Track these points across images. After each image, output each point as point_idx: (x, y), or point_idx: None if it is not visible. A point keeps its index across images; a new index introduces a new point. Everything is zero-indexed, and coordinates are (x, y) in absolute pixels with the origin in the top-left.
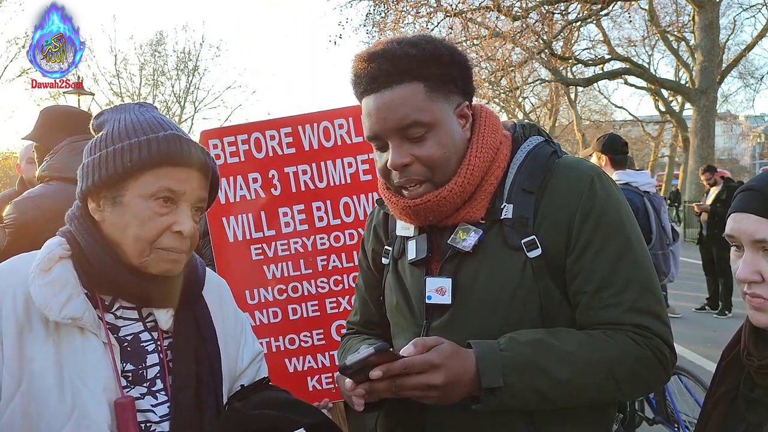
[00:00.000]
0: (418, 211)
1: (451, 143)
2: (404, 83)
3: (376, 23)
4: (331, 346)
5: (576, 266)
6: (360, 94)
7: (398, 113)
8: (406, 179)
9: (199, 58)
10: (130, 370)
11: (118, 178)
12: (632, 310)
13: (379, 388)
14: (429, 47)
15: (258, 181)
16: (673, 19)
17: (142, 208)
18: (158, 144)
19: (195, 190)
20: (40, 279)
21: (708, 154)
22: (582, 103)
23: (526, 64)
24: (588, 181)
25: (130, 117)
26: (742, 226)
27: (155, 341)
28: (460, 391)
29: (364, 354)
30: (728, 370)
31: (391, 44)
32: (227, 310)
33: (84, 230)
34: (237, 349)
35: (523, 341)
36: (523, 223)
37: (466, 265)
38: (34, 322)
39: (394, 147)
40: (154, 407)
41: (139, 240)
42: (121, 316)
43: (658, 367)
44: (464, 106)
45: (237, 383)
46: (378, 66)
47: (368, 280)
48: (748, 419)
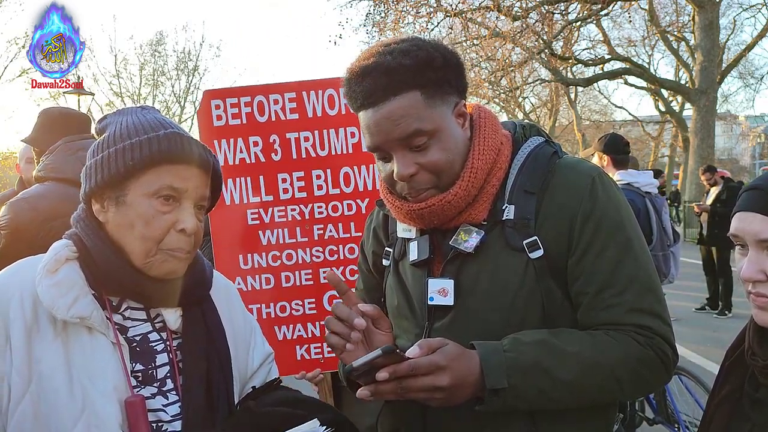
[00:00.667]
0: (423, 215)
1: (454, 146)
2: (401, 94)
3: (376, 23)
4: (322, 316)
5: (577, 267)
6: (356, 108)
7: (399, 125)
8: (414, 189)
9: (199, 58)
10: (139, 370)
11: (120, 178)
12: (634, 310)
13: (385, 390)
14: (421, 54)
15: (258, 145)
16: (673, 19)
17: (145, 206)
18: (159, 142)
19: (197, 188)
20: (47, 280)
21: (708, 154)
22: (582, 103)
23: (526, 64)
24: (589, 182)
25: (132, 119)
26: (746, 225)
27: (164, 341)
28: (465, 392)
29: (371, 356)
30: (732, 370)
31: (384, 56)
32: (236, 313)
33: (90, 231)
34: (247, 350)
35: (526, 342)
36: (524, 224)
37: (467, 266)
38: (42, 324)
39: (398, 158)
40: (165, 407)
41: (146, 240)
42: (129, 317)
43: (660, 367)
44: (461, 104)
45: (248, 385)
46: (373, 81)
47: (368, 283)
48: (753, 419)
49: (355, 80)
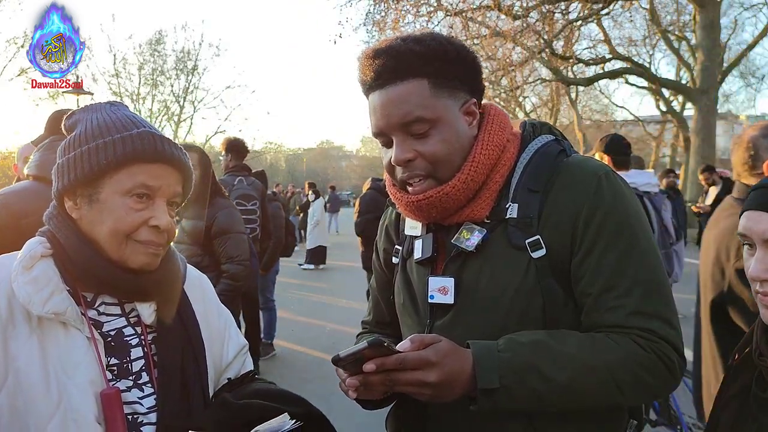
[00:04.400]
0: (422, 207)
1: (456, 140)
2: (408, 79)
3: (375, 22)
4: None
5: (581, 268)
6: (366, 90)
7: (402, 109)
8: (408, 174)
9: (198, 57)
10: (114, 364)
11: (93, 176)
12: (637, 313)
13: (373, 381)
14: (434, 44)
15: None
16: (674, 18)
17: (119, 204)
18: (132, 141)
19: (170, 186)
20: (23, 276)
21: (709, 154)
22: (583, 103)
23: (526, 63)
24: (595, 181)
25: (102, 116)
26: (755, 224)
27: (139, 336)
28: (456, 390)
29: (357, 348)
30: (739, 371)
31: (397, 41)
32: (210, 306)
33: (63, 228)
34: (222, 343)
35: (522, 342)
36: (527, 223)
37: (469, 264)
38: (18, 320)
39: (397, 143)
40: (141, 399)
41: (116, 233)
42: (104, 312)
43: (664, 372)
44: (471, 103)
45: (223, 376)
46: (382, 62)
47: (380, 280)
48: (760, 420)
49: (367, 61)
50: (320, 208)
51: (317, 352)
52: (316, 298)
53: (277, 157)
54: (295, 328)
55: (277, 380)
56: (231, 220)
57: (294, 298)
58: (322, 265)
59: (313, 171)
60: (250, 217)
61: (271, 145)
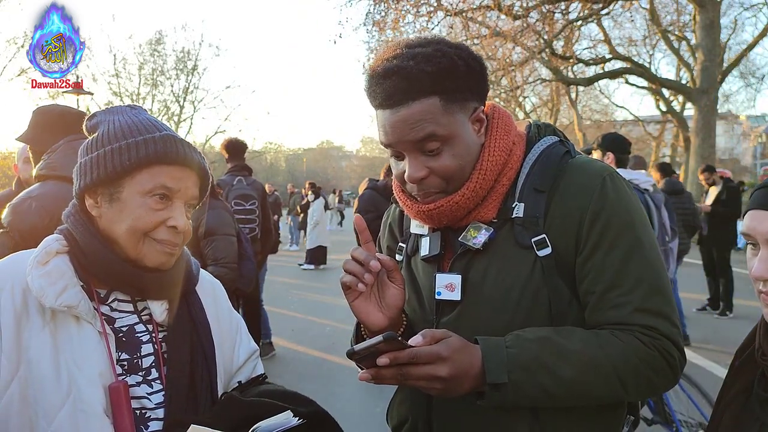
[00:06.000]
0: (432, 216)
1: (466, 152)
2: (420, 99)
3: (375, 22)
4: None
5: (585, 266)
6: (375, 106)
7: (414, 128)
8: (423, 192)
9: (198, 57)
10: (125, 359)
11: (116, 176)
12: (640, 310)
13: (385, 375)
14: (444, 61)
15: None
16: (674, 18)
17: (139, 203)
18: (155, 144)
19: (189, 188)
20: (37, 270)
21: (709, 154)
22: (583, 103)
23: (526, 63)
24: (599, 181)
25: (125, 118)
26: (758, 224)
27: (150, 333)
28: (465, 385)
29: (373, 341)
30: (741, 370)
31: (407, 61)
32: (221, 309)
33: (80, 226)
34: (233, 347)
35: (529, 338)
36: (533, 222)
37: (476, 262)
38: (32, 313)
39: (410, 160)
40: (150, 395)
41: (135, 231)
42: (117, 308)
43: (665, 368)
44: (479, 110)
45: (234, 380)
46: (393, 84)
47: None
48: (762, 419)
49: (376, 81)
50: (320, 208)
51: (317, 351)
52: (316, 298)
53: (277, 157)
54: (295, 328)
55: (277, 380)
56: (219, 221)
57: (294, 298)
58: (323, 266)
59: (313, 171)
60: (248, 217)
61: (271, 145)
